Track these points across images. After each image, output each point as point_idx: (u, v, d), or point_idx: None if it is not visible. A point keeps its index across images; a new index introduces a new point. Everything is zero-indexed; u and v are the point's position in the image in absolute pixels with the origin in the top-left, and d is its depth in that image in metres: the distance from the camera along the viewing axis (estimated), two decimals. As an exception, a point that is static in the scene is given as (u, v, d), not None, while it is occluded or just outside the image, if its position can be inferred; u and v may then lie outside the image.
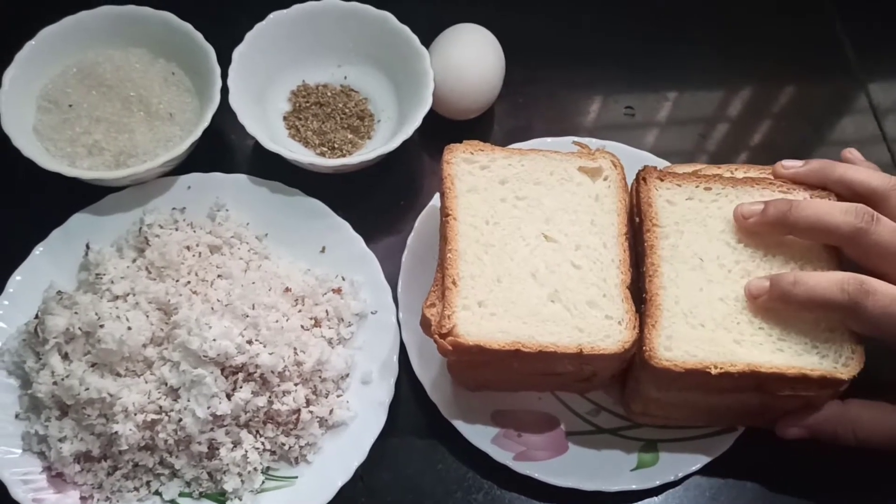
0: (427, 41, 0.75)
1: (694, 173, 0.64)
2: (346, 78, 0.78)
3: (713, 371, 0.56)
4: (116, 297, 0.63)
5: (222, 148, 0.77)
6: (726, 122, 0.84)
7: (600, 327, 0.58)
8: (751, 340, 0.57)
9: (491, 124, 0.80)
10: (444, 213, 0.62)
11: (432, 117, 0.72)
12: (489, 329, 0.58)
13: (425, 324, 0.60)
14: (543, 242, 0.61)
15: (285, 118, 0.76)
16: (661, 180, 0.62)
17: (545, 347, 0.57)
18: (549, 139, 0.73)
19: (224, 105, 0.70)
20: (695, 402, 0.61)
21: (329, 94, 0.77)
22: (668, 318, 0.58)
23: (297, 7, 0.75)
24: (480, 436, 0.64)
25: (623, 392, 0.65)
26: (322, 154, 0.74)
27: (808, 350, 0.57)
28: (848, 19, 0.90)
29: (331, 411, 0.63)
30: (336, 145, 0.75)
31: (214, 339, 0.59)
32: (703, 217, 0.61)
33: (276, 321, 0.63)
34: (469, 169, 0.63)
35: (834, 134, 0.84)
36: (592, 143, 0.70)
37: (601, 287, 0.60)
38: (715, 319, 0.58)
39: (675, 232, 0.61)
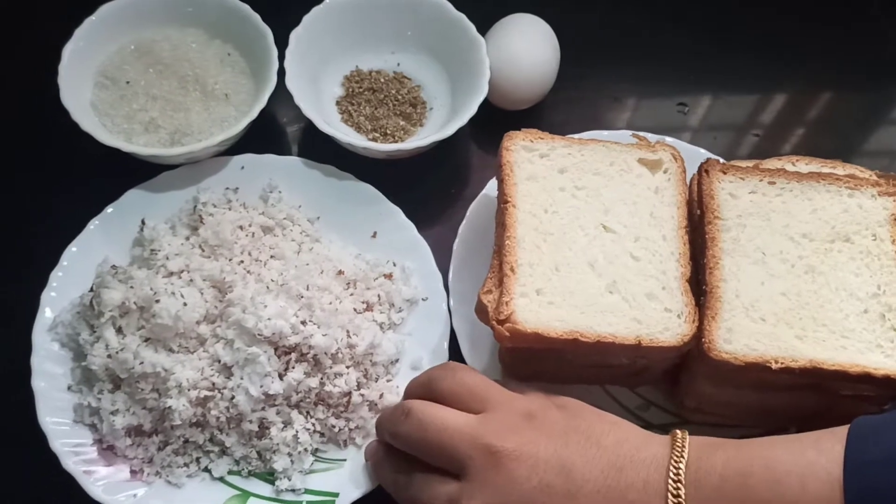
0: (479, 31, 0.75)
1: (755, 166, 0.63)
2: (398, 65, 0.78)
3: (774, 366, 0.55)
4: (171, 274, 0.63)
5: (272, 130, 0.77)
6: (777, 125, 0.83)
7: (659, 320, 0.58)
8: (813, 337, 0.56)
9: (541, 116, 0.80)
10: (503, 199, 0.62)
11: (482, 106, 0.72)
12: (547, 317, 0.57)
13: (481, 310, 0.60)
14: (602, 233, 0.61)
15: (338, 103, 0.76)
16: (724, 173, 0.62)
17: (603, 338, 0.57)
18: (605, 132, 0.72)
19: (276, 87, 0.70)
20: (749, 401, 0.61)
21: (382, 80, 0.77)
22: (729, 311, 0.57)
23: (353, -9, 0.75)
24: (530, 426, 0.63)
25: (675, 388, 0.64)
26: (374, 140, 0.74)
27: (871, 348, 0.56)
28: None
29: (381, 395, 0.63)
30: (388, 131, 0.75)
31: (269, 318, 0.59)
32: (767, 211, 0.60)
33: (330, 303, 0.63)
34: (528, 157, 0.63)
35: (886, 141, 0.84)
36: (649, 137, 0.69)
37: (660, 279, 0.59)
38: (776, 314, 0.57)
39: (736, 225, 0.60)
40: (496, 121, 0.74)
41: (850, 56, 0.87)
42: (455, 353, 0.65)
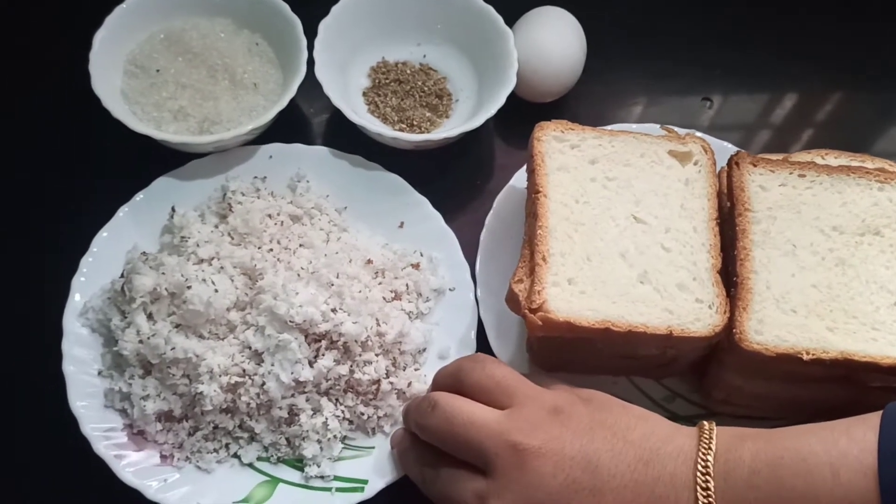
0: (506, 23, 0.75)
1: (785, 159, 0.63)
2: (424, 56, 0.79)
3: (805, 357, 0.55)
4: (201, 261, 0.63)
5: (299, 120, 0.78)
6: (795, 122, 0.83)
7: (690, 310, 0.58)
8: (844, 328, 0.57)
9: (566, 109, 0.80)
10: (534, 189, 0.62)
11: (506, 99, 0.72)
12: (579, 306, 0.58)
13: (512, 299, 0.60)
14: (633, 224, 0.61)
15: (365, 94, 0.76)
16: (755, 166, 0.62)
17: (635, 328, 0.57)
18: (633, 125, 0.72)
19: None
20: (778, 393, 0.61)
21: (408, 71, 0.77)
22: (760, 303, 0.58)
23: (381, -18, 0.75)
24: (556, 415, 0.63)
25: (702, 380, 0.64)
26: (401, 131, 0.74)
27: (902, 340, 0.56)
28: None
29: (409, 384, 0.63)
30: (414, 122, 0.75)
31: (301, 306, 0.59)
32: (797, 204, 0.61)
33: (360, 291, 0.63)
34: (559, 147, 0.63)
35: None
36: (677, 130, 0.69)
37: (691, 270, 0.59)
38: (807, 306, 0.57)
39: (767, 217, 0.60)
40: (520, 113, 0.74)
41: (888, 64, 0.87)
42: (482, 343, 0.66)
